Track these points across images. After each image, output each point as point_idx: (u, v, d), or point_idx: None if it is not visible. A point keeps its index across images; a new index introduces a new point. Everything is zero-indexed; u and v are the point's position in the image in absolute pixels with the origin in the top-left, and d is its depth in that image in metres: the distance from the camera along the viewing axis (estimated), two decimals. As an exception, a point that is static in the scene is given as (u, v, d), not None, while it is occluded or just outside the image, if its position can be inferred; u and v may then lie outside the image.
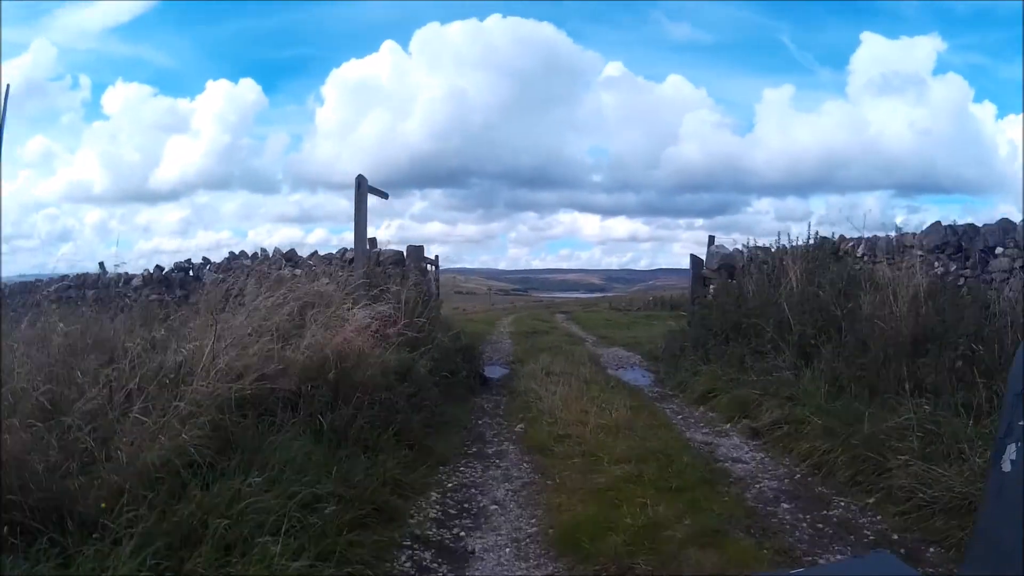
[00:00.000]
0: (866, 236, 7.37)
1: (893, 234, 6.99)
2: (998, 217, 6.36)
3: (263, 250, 9.21)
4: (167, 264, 10.08)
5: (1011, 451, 1.13)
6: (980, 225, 6.44)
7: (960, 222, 6.63)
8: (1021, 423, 1.12)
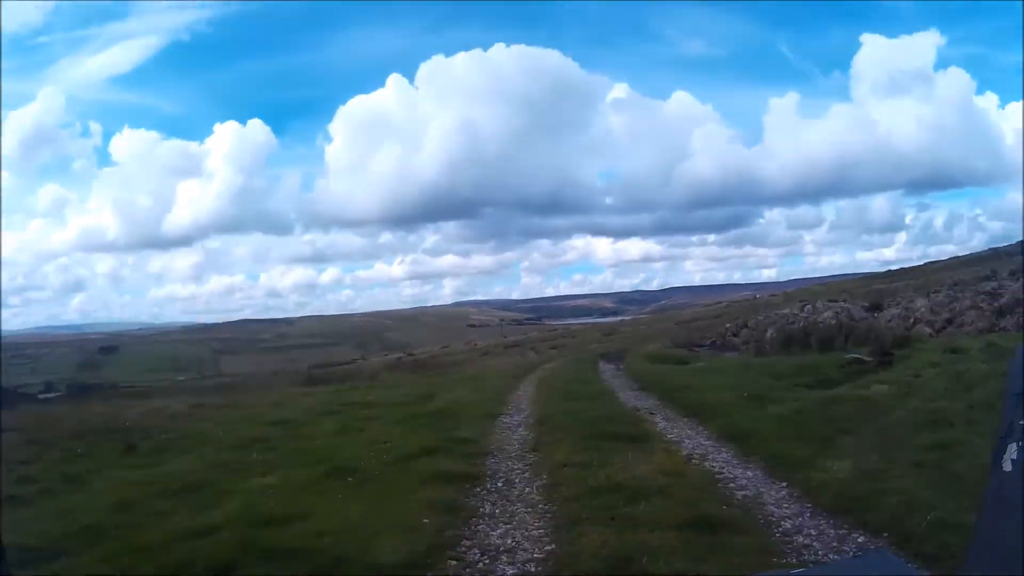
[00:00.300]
0: None
1: None
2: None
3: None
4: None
5: (1011, 451, 1.14)
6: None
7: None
8: (1021, 423, 1.13)
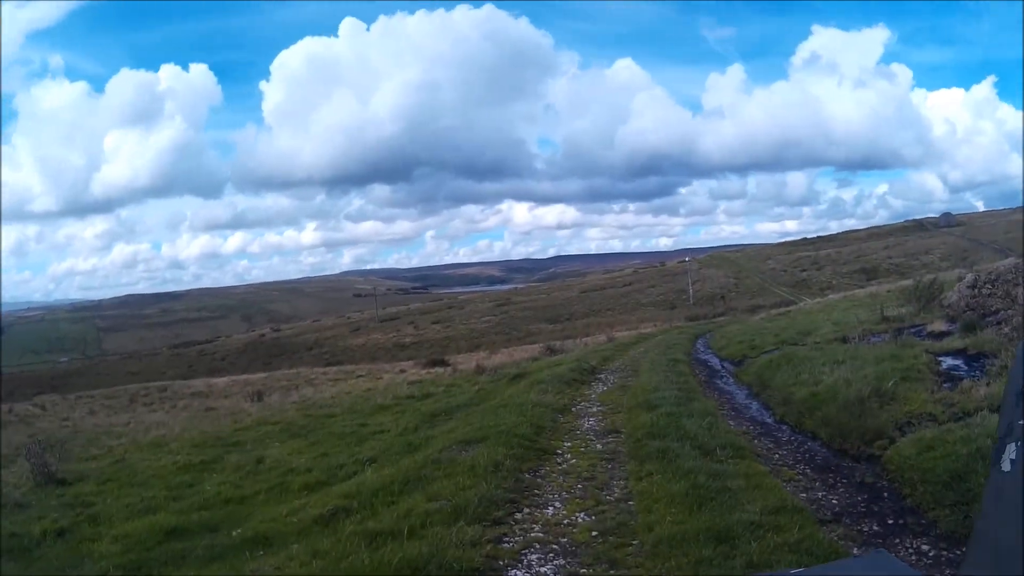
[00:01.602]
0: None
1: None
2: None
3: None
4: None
5: (1011, 451, 1.13)
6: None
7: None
8: (1021, 423, 1.12)
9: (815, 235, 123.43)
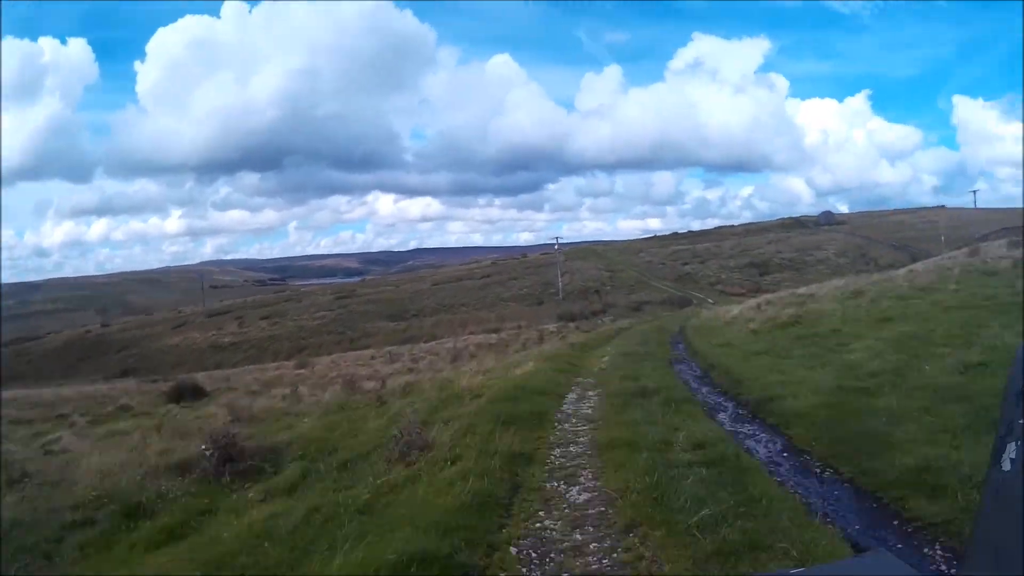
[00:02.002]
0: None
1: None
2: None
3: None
4: None
5: (1011, 450, 1.12)
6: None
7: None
8: (1021, 422, 1.11)
9: (684, 232, 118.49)
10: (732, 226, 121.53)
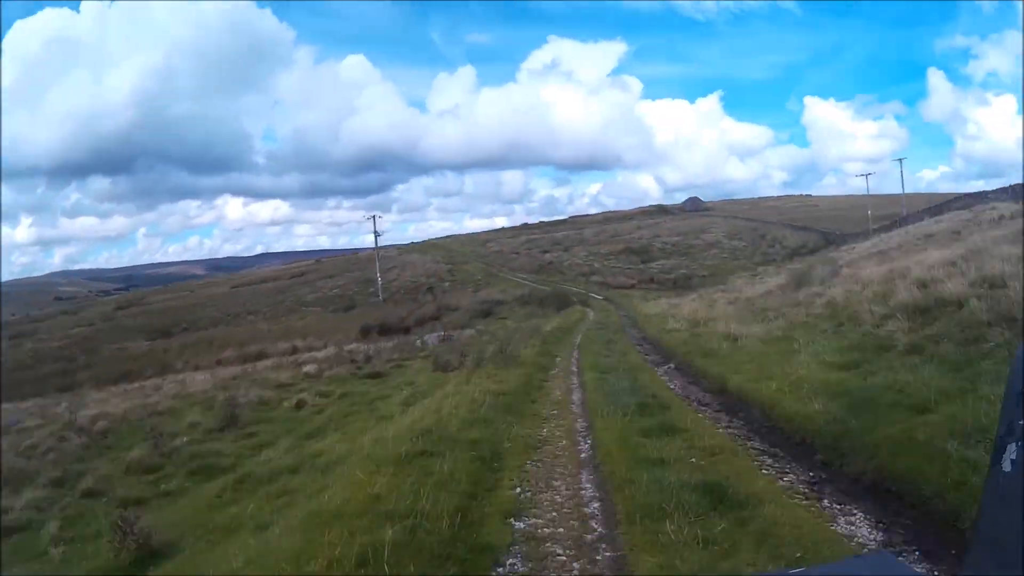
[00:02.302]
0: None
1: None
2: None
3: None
4: None
5: (1011, 450, 1.12)
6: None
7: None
8: (1021, 423, 1.11)
9: (535, 223, 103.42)
10: (588, 215, 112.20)
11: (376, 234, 57.66)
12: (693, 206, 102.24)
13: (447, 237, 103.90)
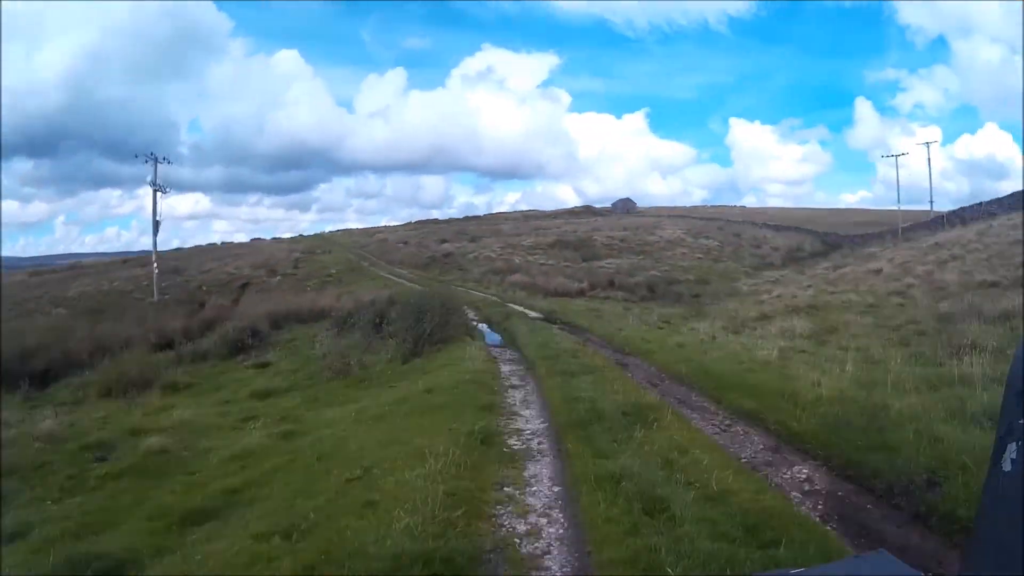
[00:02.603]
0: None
1: None
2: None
3: None
4: None
5: (1011, 450, 1.12)
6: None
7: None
8: (1021, 422, 1.11)
9: (445, 220, 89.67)
10: (506, 212, 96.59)
11: (156, 206, 36.80)
12: (624, 207, 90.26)
13: (339, 231, 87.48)
